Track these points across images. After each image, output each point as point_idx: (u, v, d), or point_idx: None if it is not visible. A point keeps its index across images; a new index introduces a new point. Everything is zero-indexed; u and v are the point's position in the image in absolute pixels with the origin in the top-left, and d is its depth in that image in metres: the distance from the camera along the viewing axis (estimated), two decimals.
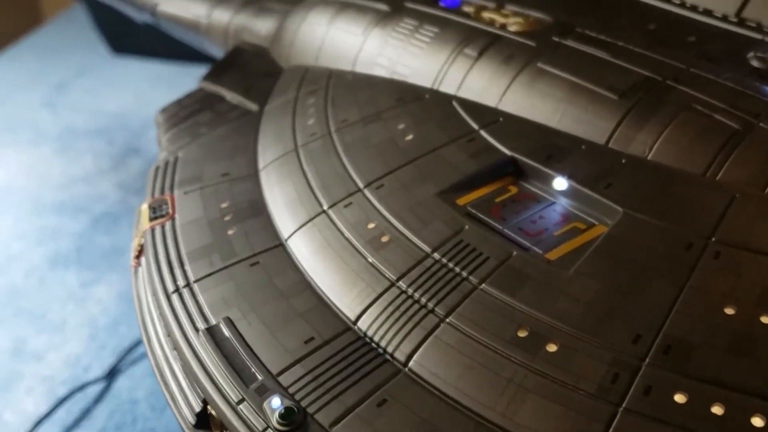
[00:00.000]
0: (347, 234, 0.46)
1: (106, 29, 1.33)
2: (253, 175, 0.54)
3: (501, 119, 0.52)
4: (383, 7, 0.65)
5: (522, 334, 0.38)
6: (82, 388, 0.78)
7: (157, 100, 1.35)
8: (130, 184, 1.14)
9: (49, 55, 1.55)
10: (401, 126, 0.53)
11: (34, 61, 1.52)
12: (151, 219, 0.52)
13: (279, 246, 0.48)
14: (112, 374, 0.80)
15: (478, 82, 0.55)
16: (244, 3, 0.81)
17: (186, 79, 0.91)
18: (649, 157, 0.47)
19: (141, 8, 0.87)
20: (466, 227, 0.44)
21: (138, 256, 0.51)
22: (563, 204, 0.47)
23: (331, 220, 0.47)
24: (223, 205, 0.51)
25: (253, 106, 0.64)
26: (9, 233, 1.03)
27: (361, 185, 0.49)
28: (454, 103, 0.54)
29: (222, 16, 0.81)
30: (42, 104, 1.35)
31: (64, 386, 0.78)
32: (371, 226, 0.46)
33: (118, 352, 0.82)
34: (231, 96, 0.67)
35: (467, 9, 0.62)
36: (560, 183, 0.47)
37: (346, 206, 0.48)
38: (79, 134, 1.25)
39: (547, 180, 0.48)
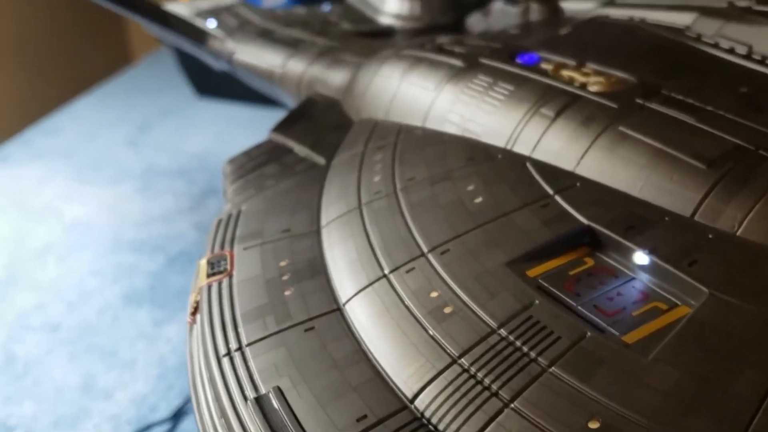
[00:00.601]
0: (408, 302, 0.43)
1: (190, 72, 1.36)
2: (315, 233, 0.53)
3: (578, 184, 0.49)
4: (457, 62, 0.63)
5: (593, 425, 0.34)
6: (147, 428, 0.77)
7: (237, 142, 1.37)
8: (207, 225, 1.14)
9: (136, 94, 1.60)
10: (471, 187, 0.51)
11: (121, 101, 1.57)
12: (209, 275, 0.50)
13: (336, 311, 0.45)
14: (177, 416, 0.79)
15: (555, 144, 0.52)
16: (318, 54, 0.80)
17: (266, 121, 0.91)
18: (738, 233, 0.43)
19: (218, 56, 0.88)
20: (537, 302, 0.41)
21: (194, 313, 0.50)
22: (643, 281, 0.43)
23: (392, 285, 0.45)
24: (282, 264, 0.50)
25: (320, 160, 0.63)
26: (86, 269, 1.05)
27: (425, 249, 0.46)
28: (528, 165, 0.52)
29: (296, 67, 0.81)
30: (126, 143, 1.39)
31: (130, 426, 0.78)
32: (434, 295, 0.43)
33: (185, 393, 0.81)
34: (299, 148, 0.66)
35: (545, 66, 0.59)
36: (641, 258, 0.44)
37: (408, 271, 0.46)
38: (161, 174, 1.28)
39: (627, 253, 0.44)
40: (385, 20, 0.93)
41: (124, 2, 0.78)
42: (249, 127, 1.41)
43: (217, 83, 1.38)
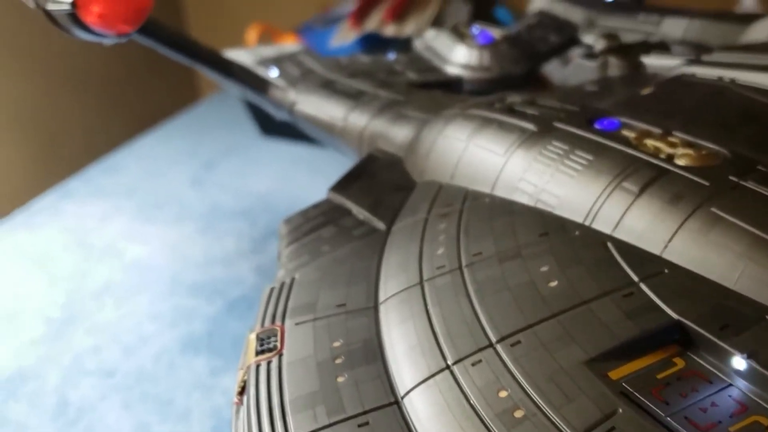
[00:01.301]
0: (474, 401, 0.39)
1: (255, 111, 1.35)
2: (372, 309, 0.49)
3: (666, 271, 0.44)
4: (530, 126, 0.58)
5: None
6: None
7: (300, 183, 1.36)
8: (268, 269, 1.12)
9: (201, 132, 1.61)
10: (544, 268, 0.46)
11: (187, 138, 1.58)
12: (258, 353, 0.47)
13: (393, 404, 0.41)
14: None
15: (639, 223, 0.47)
16: (381, 108, 0.77)
17: (330, 162, 0.90)
18: None
19: (279, 106, 0.86)
20: (620, 410, 0.36)
21: (241, 393, 0.47)
22: (742, 389, 0.38)
23: (456, 379, 0.41)
24: (336, 344, 0.46)
25: (380, 225, 0.59)
26: (144, 313, 1.03)
27: (493, 339, 0.42)
28: (609, 246, 0.47)
29: (358, 120, 0.78)
30: (190, 181, 1.39)
31: None
32: (503, 394, 0.39)
33: None
34: (358, 210, 0.63)
35: (627, 133, 0.54)
36: (738, 362, 0.38)
37: (474, 364, 0.41)
38: (223, 214, 1.27)
39: (722, 356, 0.39)
40: (452, 70, 0.90)
41: (183, 49, 0.76)
42: (312, 168, 1.39)
43: (281, 123, 1.37)
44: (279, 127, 1.39)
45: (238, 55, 0.90)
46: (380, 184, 0.66)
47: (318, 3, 1.74)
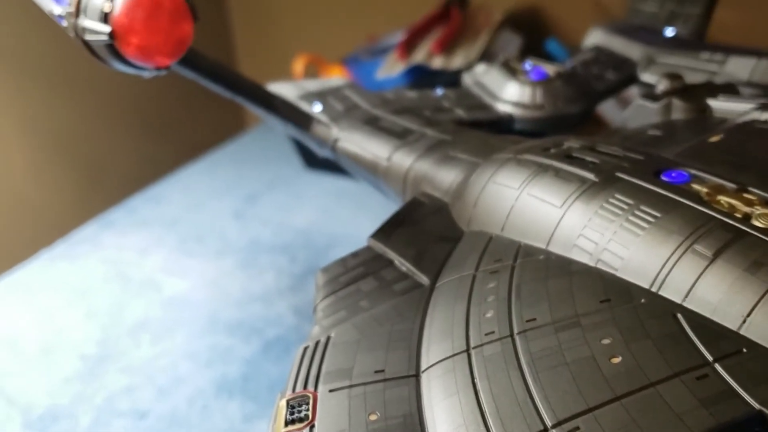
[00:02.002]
0: None
1: (300, 144, 1.33)
2: (413, 378, 0.44)
3: (744, 350, 0.39)
4: (590, 175, 0.53)
5: None
6: None
7: (343, 218, 1.32)
8: (306, 309, 1.09)
9: (245, 164, 1.60)
10: (606, 341, 0.41)
11: (230, 170, 1.57)
12: (288, 422, 0.43)
13: None
14: None
15: (714, 293, 0.42)
16: (427, 148, 0.73)
17: (374, 197, 0.86)
18: None
19: (322, 143, 0.82)
20: None
21: None
22: None
23: None
24: (372, 418, 0.42)
25: (423, 279, 0.55)
26: (180, 351, 1.01)
27: (549, 423, 0.37)
28: (680, 317, 0.42)
29: (403, 160, 0.74)
30: (232, 215, 1.37)
31: None
32: None
33: None
34: (400, 262, 0.58)
35: (698, 188, 0.49)
36: None
37: None
38: (264, 249, 1.24)
39: None
40: (503, 107, 0.85)
41: (224, 81, 0.74)
42: (355, 203, 1.36)
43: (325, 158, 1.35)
44: (323, 160, 1.37)
45: (281, 89, 0.87)
46: (425, 233, 0.61)
47: (365, 34, 1.72)
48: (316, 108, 0.83)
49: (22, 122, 1.47)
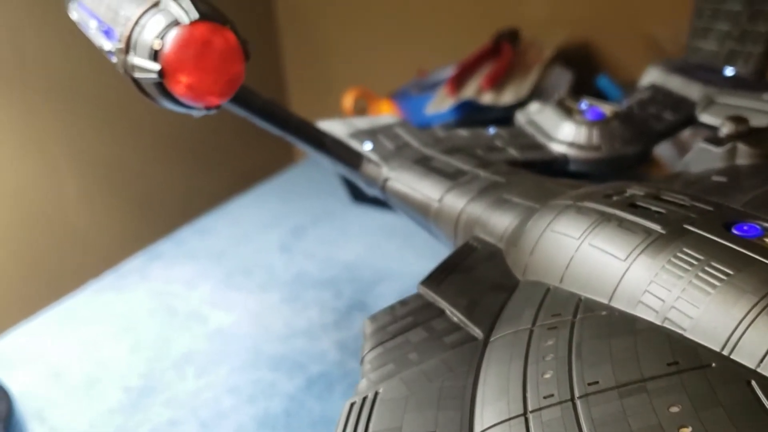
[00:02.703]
0: None
1: (347, 178, 1.32)
2: None
3: None
4: (656, 227, 0.50)
5: None
6: None
7: (390, 254, 1.31)
8: (350, 345, 1.08)
9: (293, 196, 1.60)
10: (675, 408, 0.39)
11: (277, 202, 1.57)
12: None
13: None
14: None
15: None
16: (480, 190, 0.70)
17: (421, 233, 0.85)
18: None
19: (371, 183, 0.81)
20: None
21: None
22: None
23: None
24: None
25: (476, 331, 0.52)
26: (222, 385, 1.00)
27: None
28: (754, 385, 0.39)
29: (455, 203, 0.71)
30: (278, 248, 1.37)
31: None
32: None
33: None
34: (451, 312, 0.56)
35: None
36: None
37: None
38: (309, 283, 1.24)
39: None
40: (558, 148, 0.83)
41: (274, 119, 0.73)
42: (402, 239, 1.35)
43: None
44: (370, 194, 1.36)
45: (331, 127, 0.86)
46: (478, 281, 0.59)
47: (415, 68, 1.72)
48: (367, 146, 0.81)
49: (75, 152, 1.49)
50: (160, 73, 0.54)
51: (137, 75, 0.55)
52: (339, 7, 1.99)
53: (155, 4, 0.56)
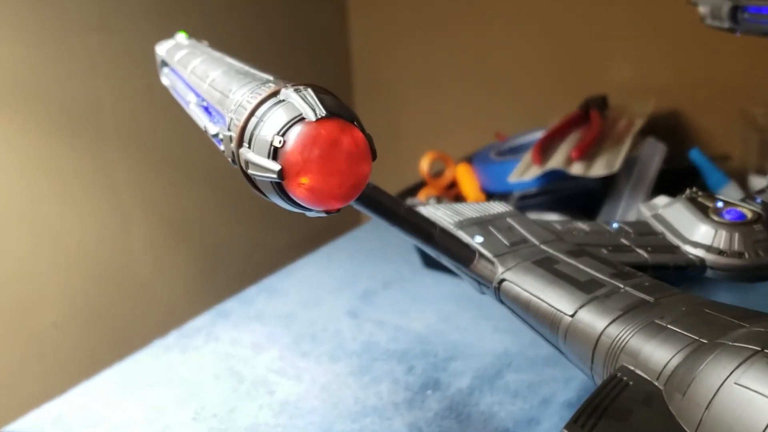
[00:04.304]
0: None
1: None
2: None
3: None
4: None
5: None
6: None
7: (464, 326, 1.24)
8: (423, 428, 1.01)
9: (360, 258, 1.54)
10: None
11: (345, 264, 1.52)
12: None
13: None
14: None
15: None
16: (625, 310, 0.59)
17: (497, 306, 0.77)
18: None
19: (482, 281, 0.72)
20: None
21: None
22: None
23: None
24: None
25: None
26: None
27: None
28: None
29: (594, 322, 0.60)
30: (347, 313, 1.31)
31: None
32: None
33: None
34: None
35: None
36: None
37: None
38: (379, 354, 1.17)
39: None
40: (693, 251, 0.74)
41: (392, 217, 0.67)
42: (477, 310, 1.28)
43: None
44: None
45: (436, 214, 0.79)
46: (634, 430, 0.48)
47: (492, 132, 1.67)
48: (478, 240, 0.74)
49: (143, 203, 1.47)
50: (280, 173, 0.47)
51: (252, 172, 0.49)
52: (414, 69, 1.96)
53: (274, 94, 0.50)
